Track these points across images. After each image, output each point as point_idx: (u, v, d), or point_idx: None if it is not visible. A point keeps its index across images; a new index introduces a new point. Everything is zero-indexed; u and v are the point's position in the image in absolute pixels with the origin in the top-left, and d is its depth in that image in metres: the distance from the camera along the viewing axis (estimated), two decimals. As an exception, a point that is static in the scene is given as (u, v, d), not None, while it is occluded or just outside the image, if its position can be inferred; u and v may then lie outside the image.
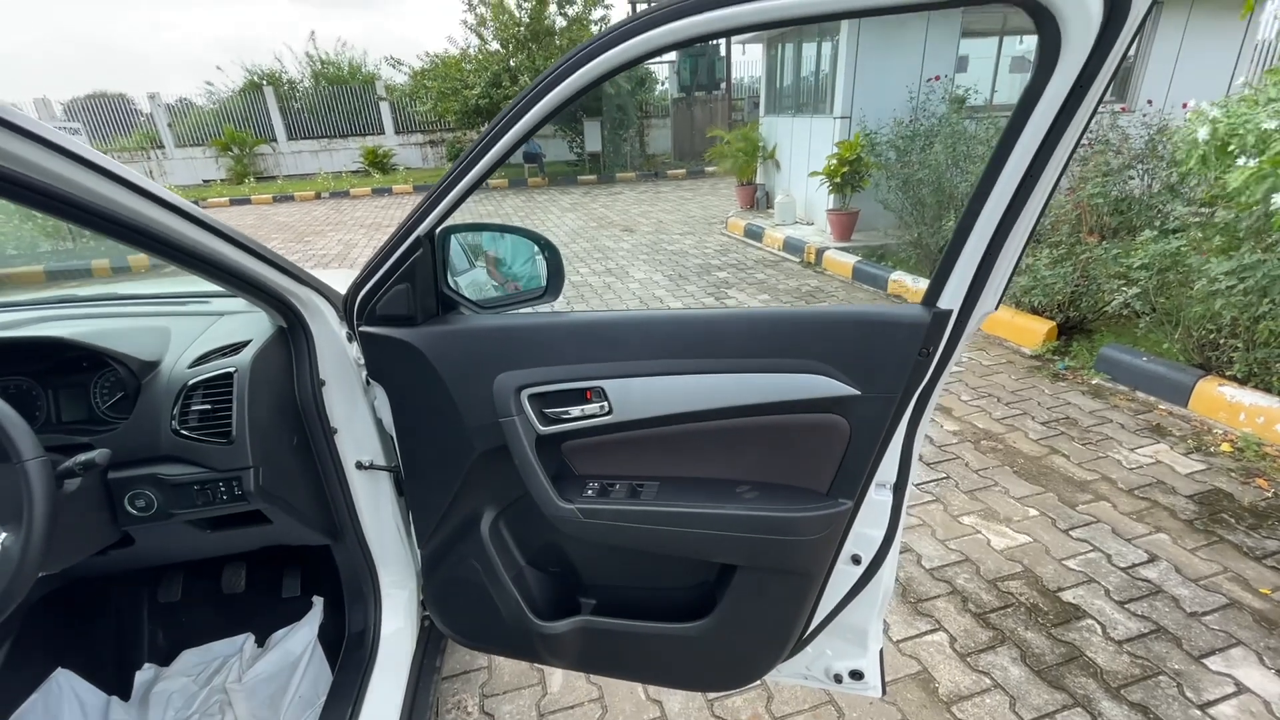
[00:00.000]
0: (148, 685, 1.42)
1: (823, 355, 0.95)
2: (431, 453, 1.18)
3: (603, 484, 1.12)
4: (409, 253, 1.05)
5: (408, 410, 1.17)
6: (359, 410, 1.28)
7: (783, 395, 0.98)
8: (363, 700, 1.27)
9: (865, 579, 1.11)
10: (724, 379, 1.00)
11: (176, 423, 1.10)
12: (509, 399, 1.07)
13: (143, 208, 0.83)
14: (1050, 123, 0.75)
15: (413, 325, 1.11)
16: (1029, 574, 2.16)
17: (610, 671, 1.28)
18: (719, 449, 1.07)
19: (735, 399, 1.00)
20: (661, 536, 1.06)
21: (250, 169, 15.76)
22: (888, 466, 1.02)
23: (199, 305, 1.41)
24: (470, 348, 1.10)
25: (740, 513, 1.02)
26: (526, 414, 1.07)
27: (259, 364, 1.15)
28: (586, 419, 1.06)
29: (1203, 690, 1.71)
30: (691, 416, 1.03)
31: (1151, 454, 2.81)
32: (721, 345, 1.01)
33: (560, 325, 1.08)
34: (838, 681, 1.23)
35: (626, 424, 1.06)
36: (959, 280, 0.88)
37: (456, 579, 1.27)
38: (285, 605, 1.57)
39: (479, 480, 1.18)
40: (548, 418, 1.08)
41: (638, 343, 1.04)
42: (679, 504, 1.06)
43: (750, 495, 1.05)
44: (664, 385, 1.03)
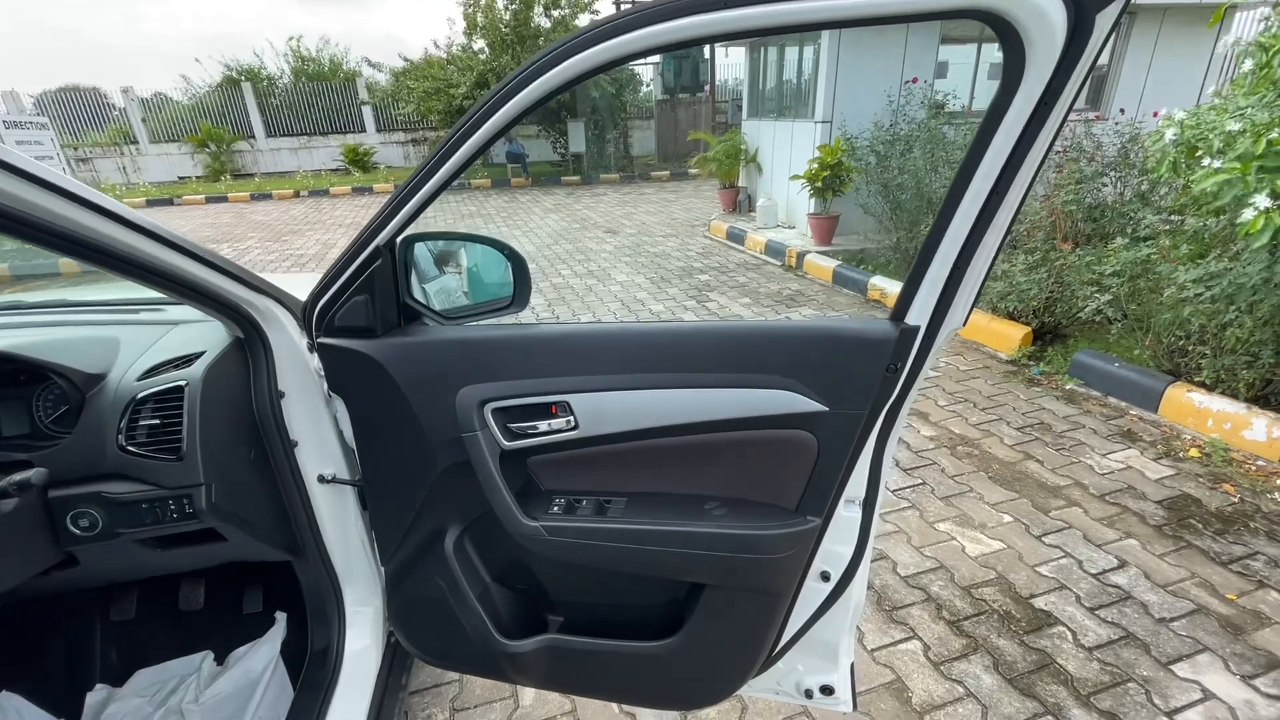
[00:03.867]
0: (99, 707, 1.37)
1: (790, 370, 0.94)
2: (393, 468, 1.15)
3: (569, 500, 1.10)
4: (368, 263, 1.02)
5: (369, 424, 1.14)
6: (321, 422, 1.24)
7: (751, 411, 0.97)
8: (329, 707, 1.23)
9: (834, 595, 1.10)
10: (692, 394, 0.99)
11: (123, 438, 1.05)
12: (472, 413, 1.04)
13: (80, 216, 0.79)
14: (1018, 136, 0.74)
15: (373, 337, 1.08)
16: (1002, 581, 2.17)
17: (578, 690, 1.25)
18: (687, 465, 1.05)
19: (703, 414, 0.99)
20: (628, 555, 1.04)
21: (227, 166, 15.48)
22: (856, 482, 1.01)
23: (153, 314, 1.36)
24: (432, 360, 1.07)
25: (708, 530, 1.00)
26: (490, 429, 1.05)
27: (213, 376, 1.11)
28: (552, 434, 1.04)
29: (1170, 697, 1.73)
30: (659, 432, 1.01)
31: (1122, 460, 2.85)
32: (689, 359, 0.99)
33: (526, 338, 1.06)
34: (808, 697, 1.22)
35: (593, 439, 1.04)
36: (927, 295, 0.87)
37: (421, 597, 1.24)
38: (247, 621, 1.52)
39: (443, 496, 1.15)
40: (512, 432, 1.05)
41: (605, 356, 1.02)
42: (646, 521, 1.04)
43: (718, 512, 1.04)
44: (631, 400, 1.01)
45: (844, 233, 6.57)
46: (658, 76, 16.12)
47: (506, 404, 1.04)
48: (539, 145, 15.64)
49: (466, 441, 1.05)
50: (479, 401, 1.04)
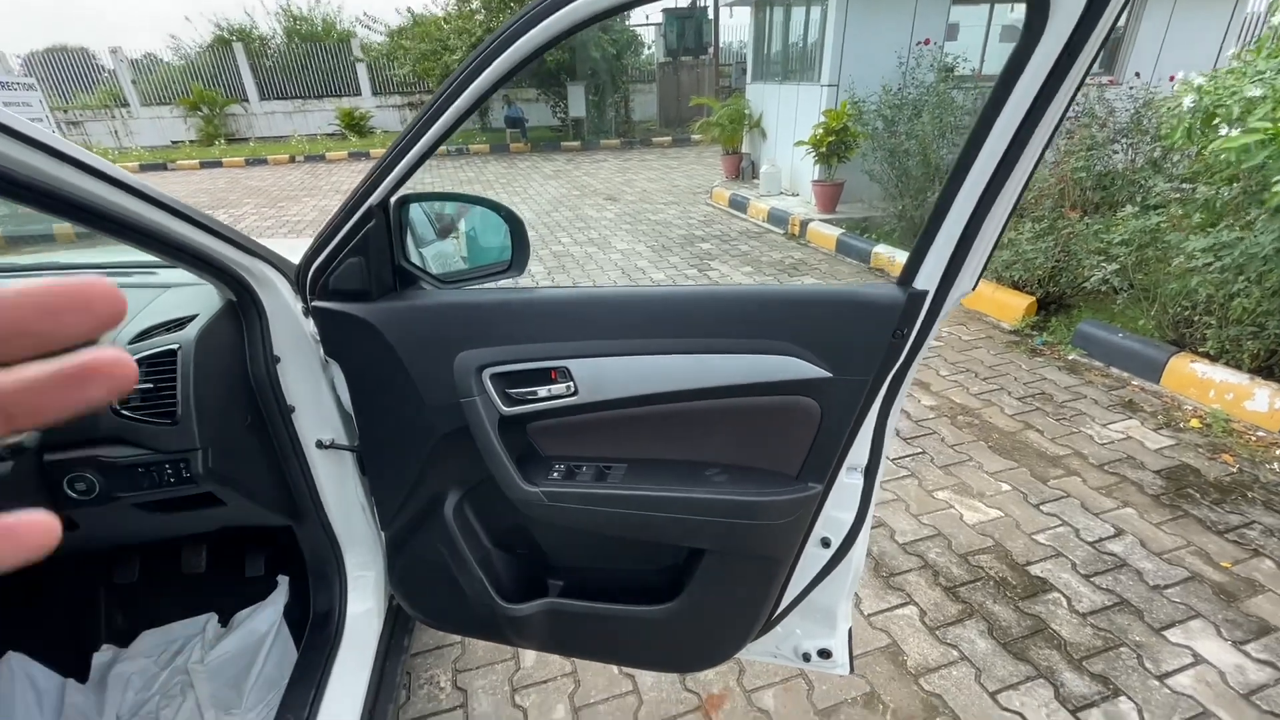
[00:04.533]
0: (106, 667, 1.39)
1: (794, 336, 0.92)
2: (391, 434, 1.14)
3: (569, 466, 1.09)
4: (361, 224, 1.00)
5: (365, 390, 1.13)
6: (318, 387, 1.23)
7: (753, 377, 0.95)
8: (327, 681, 1.25)
9: (834, 561, 1.10)
10: (694, 360, 0.97)
11: (116, 402, 1.04)
12: (470, 379, 1.03)
13: (71, 177, 0.76)
14: (1034, 95, 0.71)
15: (368, 300, 1.06)
16: (999, 548, 2.19)
17: (578, 653, 1.27)
18: (688, 431, 1.04)
19: (705, 380, 0.97)
20: (628, 520, 1.03)
21: (221, 130, 15.19)
22: (859, 450, 1.00)
23: (144, 276, 1.34)
24: (429, 325, 1.05)
25: (709, 496, 0.99)
26: (489, 394, 1.03)
27: (206, 340, 1.09)
28: (551, 400, 1.03)
29: (1161, 661, 1.75)
30: (660, 398, 1.00)
31: (1122, 430, 2.85)
32: (691, 325, 0.97)
33: (524, 302, 1.04)
34: (806, 660, 1.24)
35: (593, 405, 1.02)
36: (936, 260, 0.85)
37: (421, 562, 1.24)
38: (249, 585, 1.53)
39: (442, 462, 1.14)
40: (511, 398, 1.04)
41: (605, 321, 1.00)
42: (647, 487, 1.03)
43: (719, 478, 1.03)
44: (632, 365, 0.99)
45: (848, 200, 6.48)
46: (659, 38, 15.71)
47: (505, 369, 1.03)
48: (538, 109, 15.33)
49: (465, 407, 1.03)
50: (477, 367, 1.03)
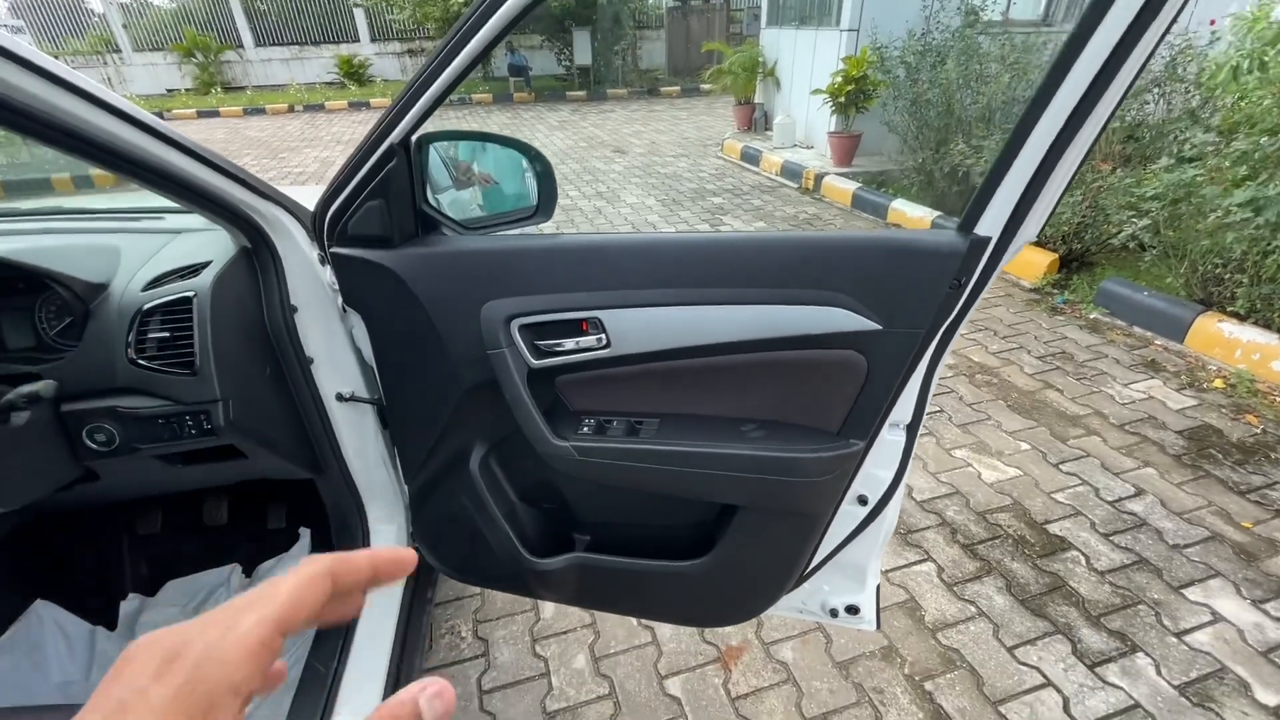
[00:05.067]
0: (133, 615, 1.40)
1: (844, 286, 0.87)
2: (415, 386, 1.11)
3: (600, 421, 1.06)
4: (381, 164, 0.94)
5: (387, 341, 1.09)
6: (336, 339, 1.19)
7: (797, 330, 0.91)
8: (353, 633, 1.25)
9: (869, 519, 1.08)
10: (733, 311, 0.92)
11: (133, 351, 1.00)
12: (498, 330, 0.98)
13: (82, 111, 0.71)
14: (1116, 42, 0.65)
15: (389, 247, 1.01)
16: (1018, 507, 2.18)
17: (605, 607, 1.26)
18: (725, 386, 1.01)
19: (745, 333, 0.93)
20: (661, 476, 1.01)
21: (216, 78, 14.75)
22: (903, 406, 0.96)
23: (153, 222, 1.28)
24: (454, 272, 1.01)
25: (745, 453, 0.96)
26: (517, 346, 0.99)
27: (221, 288, 1.05)
28: (582, 353, 0.99)
29: (1180, 619, 1.76)
30: (696, 351, 0.96)
31: (1144, 389, 2.81)
32: (731, 273, 0.92)
33: (554, 249, 0.99)
34: (833, 616, 1.23)
35: (626, 358, 0.98)
36: (1001, 205, 0.79)
37: (446, 515, 1.23)
38: (271, 536, 1.53)
39: (467, 415, 1.11)
40: (540, 350, 1.00)
41: (639, 269, 0.95)
42: (680, 443, 1.00)
43: (756, 434, 1.00)
44: (667, 317, 0.95)
45: (865, 153, 6.28)
46: (669, -20, 15.04)
47: (534, 320, 0.98)
48: (542, 57, 14.81)
49: (493, 360, 0.99)
50: (505, 317, 0.98)
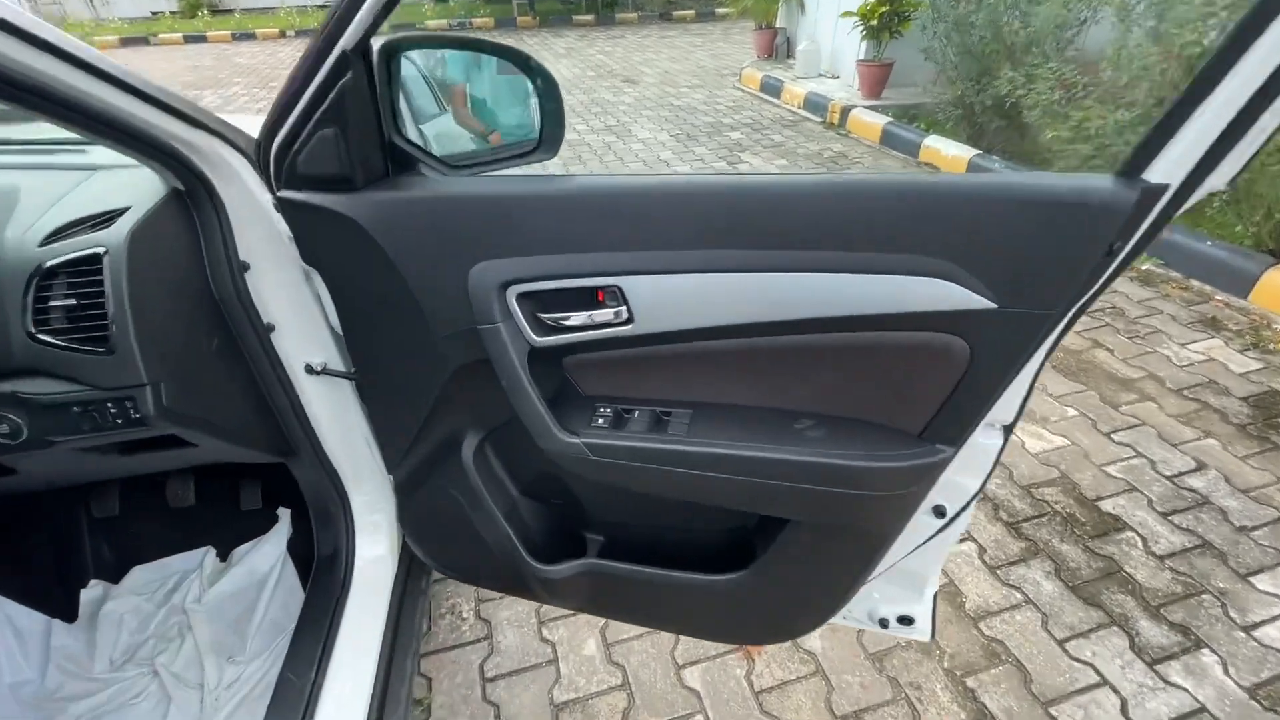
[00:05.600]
0: (95, 604, 1.27)
1: (950, 249, 0.65)
2: (391, 364, 0.91)
3: (618, 410, 0.86)
4: (333, 78, 0.71)
5: (356, 309, 0.88)
6: (301, 301, 0.98)
7: (880, 306, 0.69)
8: (337, 631, 1.10)
9: (942, 530, 0.89)
10: (796, 280, 0.71)
11: (31, 323, 0.80)
12: (491, 299, 0.77)
13: None
14: None
15: (350, 190, 0.79)
16: (1066, 480, 2.00)
17: (621, 617, 1.11)
18: (777, 371, 0.80)
19: (810, 309, 0.71)
20: (692, 483, 0.82)
21: (203, 0, 13.93)
22: (1006, 403, 0.75)
23: (71, 155, 1.06)
24: (435, 224, 0.79)
25: (801, 459, 0.77)
26: (516, 319, 0.79)
27: (141, 242, 0.84)
28: (597, 329, 0.78)
29: (1248, 611, 1.60)
30: (744, 331, 0.75)
31: (1204, 350, 2.57)
32: (794, 230, 0.70)
33: (562, 196, 0.76)
34: (883, 625, 1.07)
35: (653, 337, 0.78)
36: (1186, 146, 0.56)
37: (437, 510, 1.05)
38: (247, 518, 1.38)
39: (457, 397, 0.92)
40: (545, 325, 0.79)
41: (674, 223, 0.73)
42: (718, 442, 0.80)
43: (813, 433, 0.80)
44: (708, 287, 0.73)
45: (896, 84, 5.81)
46: (684, -111, 13.81)
47: (537, 288, 0.77)
48: (548, -23, 13.82)
49: (484, 336, 0.79)
50: (500, 284, 0.77)
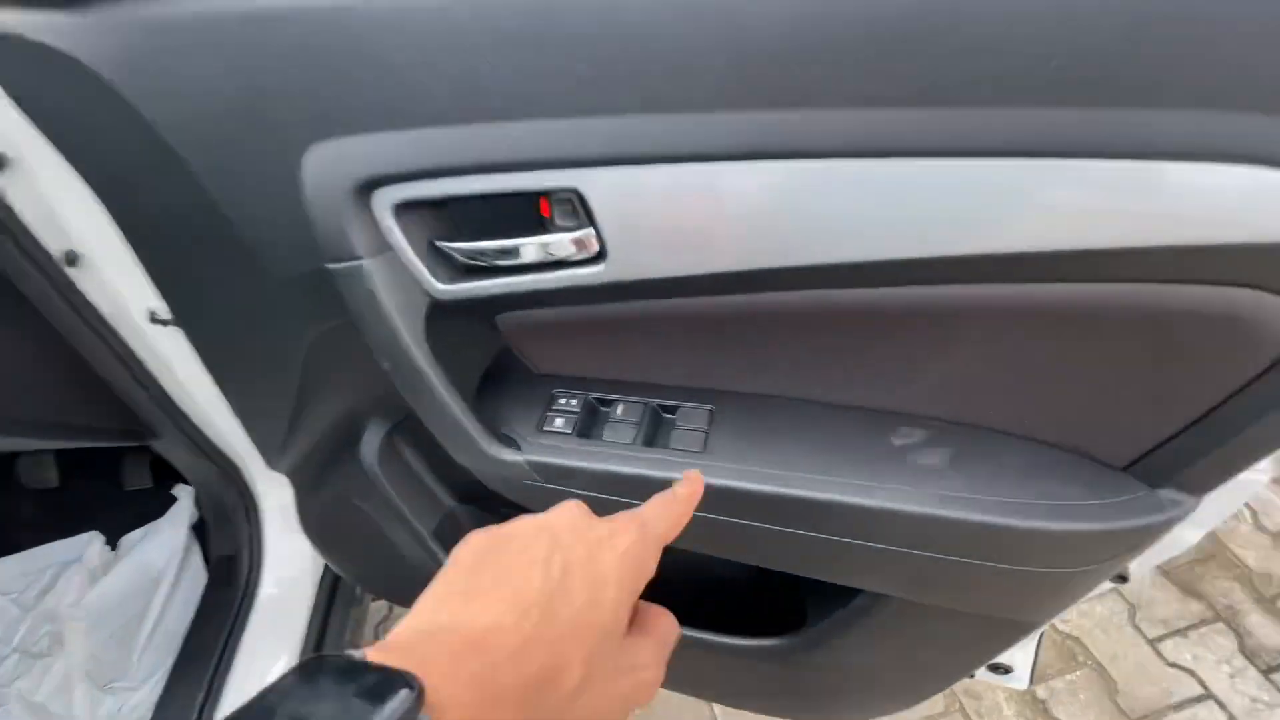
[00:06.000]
0: (-56, 607, 1.00)
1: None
2: (222, 318, 0.57)
3: (588, 402, 0.52)
4: None
5: (139, 225, 0.53)
6: None
7: (1118, 229, 0.33)
8: (233, 655, 0.84)
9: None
10: (939, 173, 0.34)
11: None
12: (344, 212, 0.42)
13: None
14: None
15: (63, 3, 0.41)
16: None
17: None
18: (866, 345, 0.45)
19: (958, 235, 0.35)
20: (713, 533, 0.49)
21: None
22: None
23: None
24: (232, 67, 0.42)
25: (909, 509, 0.43)
26: (400, 249, 0.43)
27: None
28: (543, 270, 0.42)
29: (1387, 606, 1.30)
30: (814, 276, 0.39)
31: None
32: (956, 63, 0.32)
33: (468, 9, 0.38)
34: (970, 674, 0.77)
35: (643, 286, 0.42)
36: None
37: (345, 522, 0.74)
38: (135, 499, 1.09)
39: (334, 374, 0.58)
40: (453, 262, 0.44)
41: (679, 52, 0.35)
42: (755, 465, 0.47)
43: (929, 455, 0.46)
44: (749, 187, 0.37)
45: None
46: None
47: (428, 192, 0.41)
48: None
49: (340, 282, 0.44)
50: (358, 183, 0.41)
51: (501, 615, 0.23)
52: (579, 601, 0.25)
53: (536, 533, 0.27)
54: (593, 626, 0.25)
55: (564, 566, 0.26)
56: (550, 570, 0.25)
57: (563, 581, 0.25)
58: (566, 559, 0.26)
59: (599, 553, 0.27)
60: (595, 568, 0.27)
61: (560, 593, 0.25)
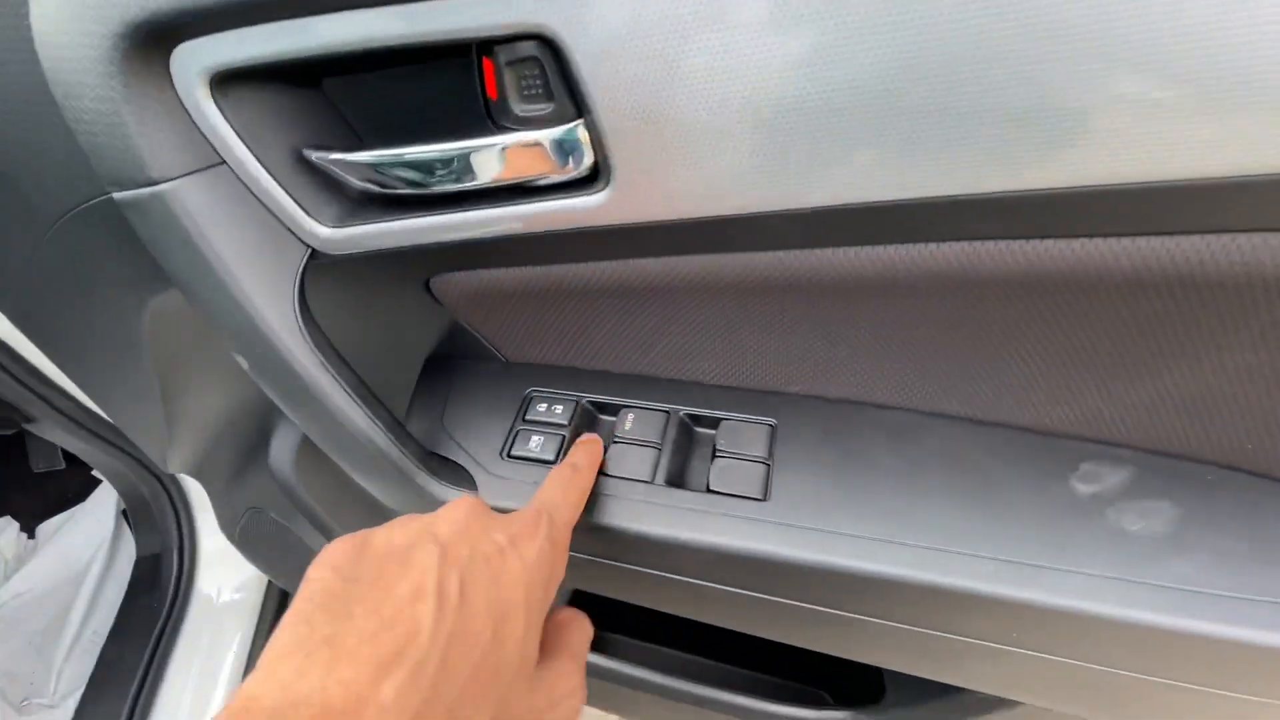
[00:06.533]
0: None
1: None
2: (16, 279, 0.38)
3: (583, 407, 0.35)
4: None
5: None
6: None
7: None
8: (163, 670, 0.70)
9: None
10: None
11: None
12: (117, 82, 0.22)
13: None
14: None
15: None
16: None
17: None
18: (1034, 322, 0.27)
19: None
20: (785, 620, 0.32)
21: None
22: None
23: None
24: None
25: (1128, 617, 0.25)
26: (236, 161, 0.24)
27: None
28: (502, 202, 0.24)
29: None
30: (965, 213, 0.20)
31: None
32: None
33: None
34: None
35: (670, 231, 0.23)
36: None
37: (266, 534, 0.58)
38: (49, 481, 0.93)
39: (197, 357, 0.40)
40: (340, 188, 0.25)
41: None
42: (854, 523, 0.29)
43: (1136, 510, 0.28)
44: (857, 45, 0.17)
45: None
46: None
47: (278, 47, 0.22)
48: None
49: (133, 219, 0.25)
50: (129, 30, 0.21)
51: (380, 680, 0.17)
52: (482, 642, 0.20)
53: (421, 543, 0.21)
54: (499, 672, 0.20)
55: (461, 594, 0.20)
56: (444, 603, 0.19)
57: (460, 617, 0.19)
58: (464, 581, 0.20)
59: (502, 570, 0.22)
60: (499, 592, 0.21)
61: (459, 635, 0.19)
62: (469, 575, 0.21)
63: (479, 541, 0.22)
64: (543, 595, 0.23)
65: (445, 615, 0.19)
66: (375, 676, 0.17)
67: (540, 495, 0.27)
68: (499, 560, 0.22)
